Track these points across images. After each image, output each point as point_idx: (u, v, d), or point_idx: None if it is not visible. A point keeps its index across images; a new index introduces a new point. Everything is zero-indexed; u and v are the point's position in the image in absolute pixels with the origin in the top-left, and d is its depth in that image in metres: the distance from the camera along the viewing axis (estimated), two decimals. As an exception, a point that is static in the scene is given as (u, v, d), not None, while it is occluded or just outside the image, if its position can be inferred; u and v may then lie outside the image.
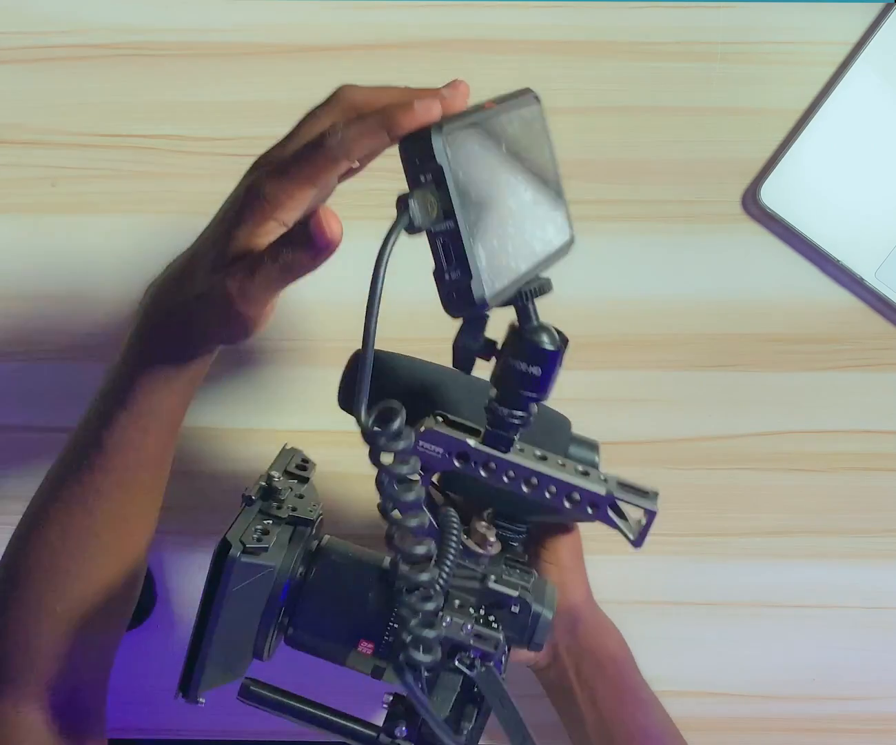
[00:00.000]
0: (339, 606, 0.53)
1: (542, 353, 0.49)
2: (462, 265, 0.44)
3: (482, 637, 0.50)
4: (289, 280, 0.47)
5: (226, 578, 0.49)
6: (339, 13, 0.69)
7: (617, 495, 0.52)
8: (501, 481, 0.51)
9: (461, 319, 0.48)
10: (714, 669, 0.72)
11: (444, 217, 0.43)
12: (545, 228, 0.55)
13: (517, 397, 0.50)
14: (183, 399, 0.55)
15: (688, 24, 0.70)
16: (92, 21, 0.69)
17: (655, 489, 0.52)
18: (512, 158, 0.53)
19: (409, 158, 0.44)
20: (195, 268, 0.50)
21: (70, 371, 0.71)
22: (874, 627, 0.71)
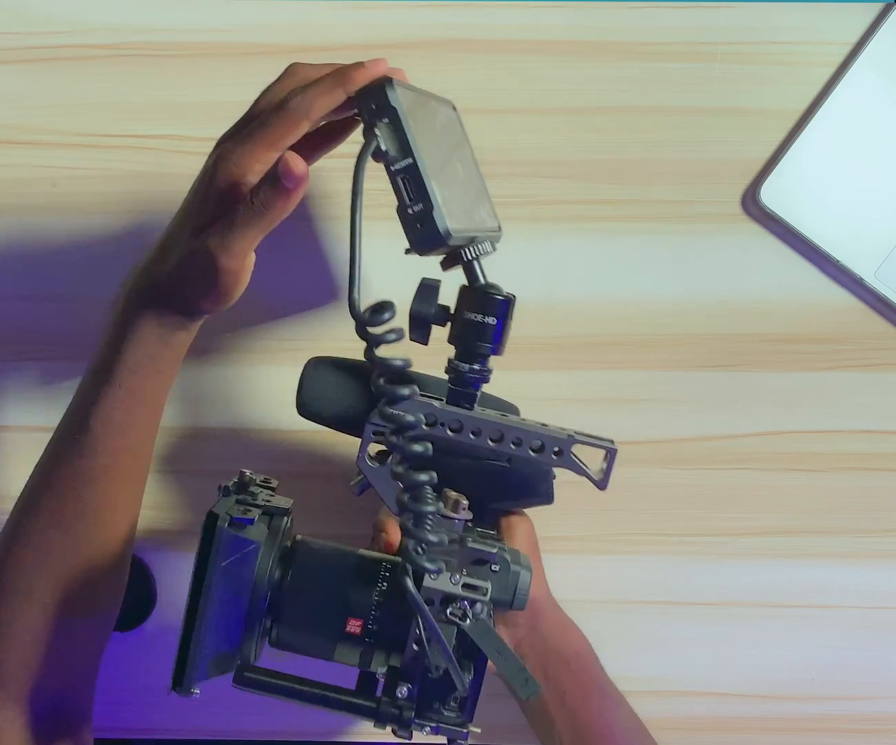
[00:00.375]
0: (322, 595, 0.53)
1: (494, 301, 0.54)
2: (423, 198, 0.49)
3: (471, 587, 0.51)
4: (265, 226, 0.51)
5: (216, 548, 0.50)
6: (339, 13, 0.69)
7: (577, 438, 0.56)
8: (468, 438, 0.55)
9: (428, 256, 0.52)
10: (714, 669, 0.72)
11: (402, 155, 0.49)
12: (479, 207, 0.59)
13: (475, 349, 0.54)
14: (166, 380, 0.57)
15: (688, 24, 0.70)
16: (92, 21, 0.70)
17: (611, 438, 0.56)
18: (446, 137, 0.58)
19: (365, 106, 0.50)
20: (173, 243, 0.54)
21: (70, 371, 0.71)
22: (874, 627, 0.72)
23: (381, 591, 0.53)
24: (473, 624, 0.51)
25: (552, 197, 0.70)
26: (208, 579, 0.50)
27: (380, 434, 0.55)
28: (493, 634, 0.51)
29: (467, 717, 0.53)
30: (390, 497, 0.55)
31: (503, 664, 0.51)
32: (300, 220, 0.70)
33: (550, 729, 0.63)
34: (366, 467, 0.55)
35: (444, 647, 0.49)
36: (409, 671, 0.52)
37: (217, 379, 0.71)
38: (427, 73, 0.69)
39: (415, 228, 0.50)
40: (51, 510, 0.57)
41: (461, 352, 0.55)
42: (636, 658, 0.70)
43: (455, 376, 0.55)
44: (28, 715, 0.57)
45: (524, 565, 0.54)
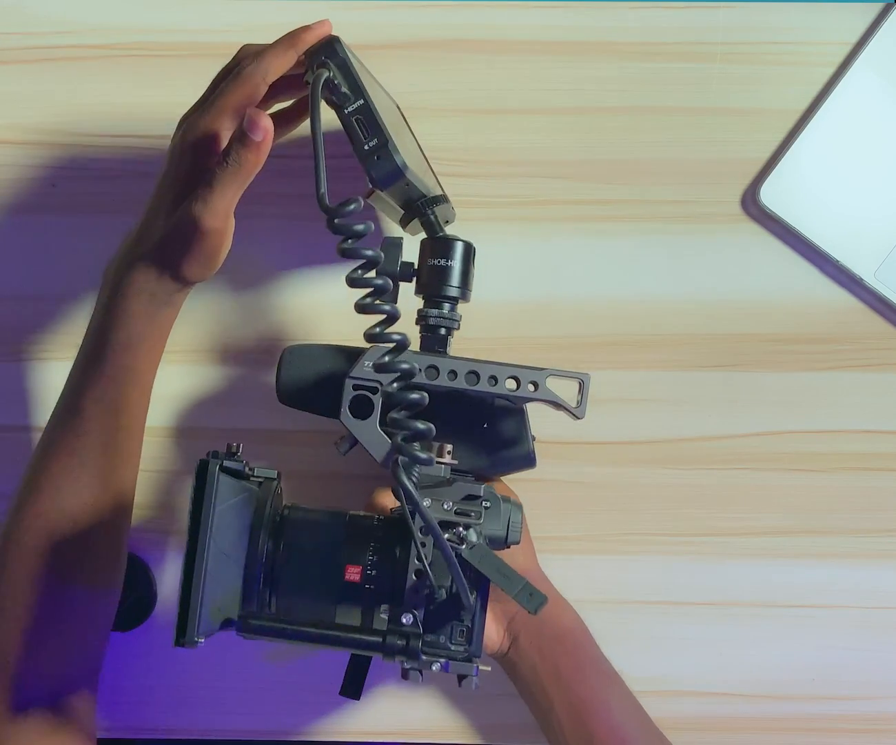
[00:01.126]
0: (318, 552, 0.54)
1: (453, 244, 0.58)
2: (378, 133, 0.52)
3: (464, 513, 0.53)
4: (242, 182, 0.53)
5: (209, 491, 0.51)
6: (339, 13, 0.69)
7: (551, 371, 0.58)
8: (444, 381, 0.57)
9: (385, 190, 0.55)
10: (714, 669, 0.72)
11: (353, 97, 0.52)
12: (428, 177, 0.62)
13: (441, 292, 0.57)
14: (155, 357, 0.59)
15: (688, 25, 0.70)
16: (92, 21, 0.70)
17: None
18: (390, 110, 0.60)
19: (315, 60, 0.53)
20: (153, 221, 0.56)
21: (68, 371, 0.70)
22: (874, 627, 0.71)
23: (376, 537, 0.54)
24: (471, 549, 0.52)
25: (552, 197, 0.70)
26: (205, 521, 0.51)
27: (360, 388, 0.56)
28: (492, 556, 0.52)
29: (475, 649, 0.54)
30: (375, 449, 0.56)
31: (506, 582, 0.51)
32: (299, 220, 0.70)
33: (546, 706, 0.63)
34: (349, 421, 0.56)
35: (443, 546, 0.49)
36: (411, 601, 0.53)
37: (216, 379, 0.71)
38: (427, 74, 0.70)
39: (373, 162, 0.53)
40: (49, 492, 0.58)
41: (428, 299, 0.58)
42: (636, 658, 0.70)
43: (425, 324, 0.58)
44: (24, 696, 0.58)
45: (514, 504, 0.56)
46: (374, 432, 0.56)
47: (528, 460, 0.62)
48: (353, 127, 0.53)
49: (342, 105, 0.52)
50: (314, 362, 0.62)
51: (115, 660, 0.72)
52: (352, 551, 0.54)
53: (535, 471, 0.62)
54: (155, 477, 0.71)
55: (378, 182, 0.53)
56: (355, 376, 0.56)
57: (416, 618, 0.53)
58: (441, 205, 0.60)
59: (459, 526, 0.52)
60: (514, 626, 0.64)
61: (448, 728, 0.71)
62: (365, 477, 0.69)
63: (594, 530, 0.71)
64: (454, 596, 0.53)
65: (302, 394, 0.62)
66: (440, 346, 0.58)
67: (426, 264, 0.58)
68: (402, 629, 0.52)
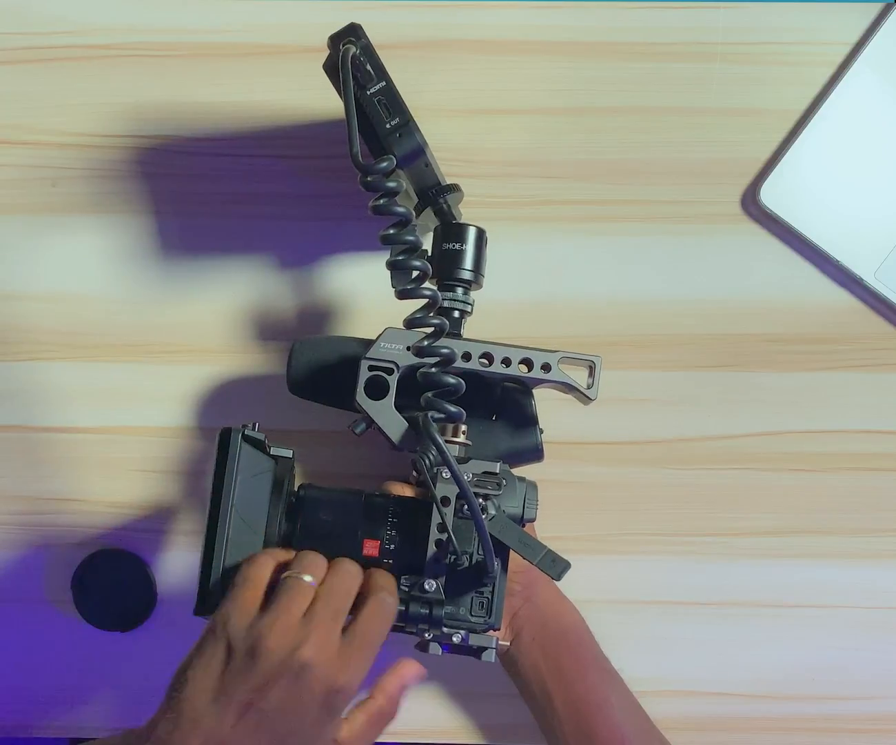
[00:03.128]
0: (336, 527, 0.55)
1: (465, 228, 0.59)
2: (399, 112, 0.54)
3: (483, 484, 0.54)
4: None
5: (232, 457, 0.52)
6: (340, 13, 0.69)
7: (563, 354, 0.58)
8: (460, 363, 0.57)
9: (406, 168, 0.56)
10: (714, 669, 0.72)
11: (376, 78, 0.54)
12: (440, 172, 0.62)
13: (454, 275, 0.59)
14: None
15: (688, 24, 0.70)
16: (92, 21, 0.70)
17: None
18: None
19: (340, 42, 0.54)
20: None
21: (70, 371, 0.71)
22: (874, 627, 0.71)
23: (394, 513, 0.55)
24: (491, 519, 0.53)
25: (551, 197, 0.70)
26: (227, 488, 0.52)
27: (376, 369, 0.57)
28: (513, 526, 0.53)
29: (495, 619, 0.55)
30: (390, 429, 0.56)
31: (528, 551, 0.52)
32: (299, 220, 0.70)
33: (546, 703, 0.63)
34: (365, 401, 0.57)
35: (471, 501, 0.49)
36: (431, 571, 0.54)
37: (218, 379, 0.71)
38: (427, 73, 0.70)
39: (395, 139, 0.54)
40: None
41: (442, 283, 0.59)
42: (636, 658, 0.70)
43: (439, 310, 0.58)
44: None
45: (529, 483, 0.57)
46: (390, 412, 0.56)
47: (536, 453, 0.62)
48: (375, 107, 0.54)
49: (365, 85, 0.54)
50: (325, 353, 0.62)
51: (116, 660, 0.72)
52: (369, 526, 0.55)
53: (536, 471, 0.62)
54: (155, 477, 0.71)
55: (401, 160, 0.54)
56: (371, 356, 0.57)
57: (439, 585, 0.53)
58: (453, 193, 0.61)
59: (479, 497, 0.52)
60: (517, 623, 0.64)
61: (448, 728, 0.71)
62: (371, 477, 0.69)
63: (594, 530, 0.71)
64: (474, 566, 0.54)
65: (312, 384, 0.62)
66: (454, 328, 0.59)
67: (439, 248, 0.59)
68: (425, 596, 0.53)
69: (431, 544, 0.53)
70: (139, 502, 0.71)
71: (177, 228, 0.70)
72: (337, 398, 0.61)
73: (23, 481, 0.71)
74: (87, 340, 0.71)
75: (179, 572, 0.71)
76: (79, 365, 0.71)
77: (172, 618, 0.71)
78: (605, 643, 0.66)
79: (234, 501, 0.52)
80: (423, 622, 0.53)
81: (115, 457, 0.71)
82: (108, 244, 0.70)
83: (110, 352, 0.70)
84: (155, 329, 0.70)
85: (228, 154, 0.70)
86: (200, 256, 0.70)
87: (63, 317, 0.70)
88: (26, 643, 0.72)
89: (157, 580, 0.71)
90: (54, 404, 0.71)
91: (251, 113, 0.70)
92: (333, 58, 0.54)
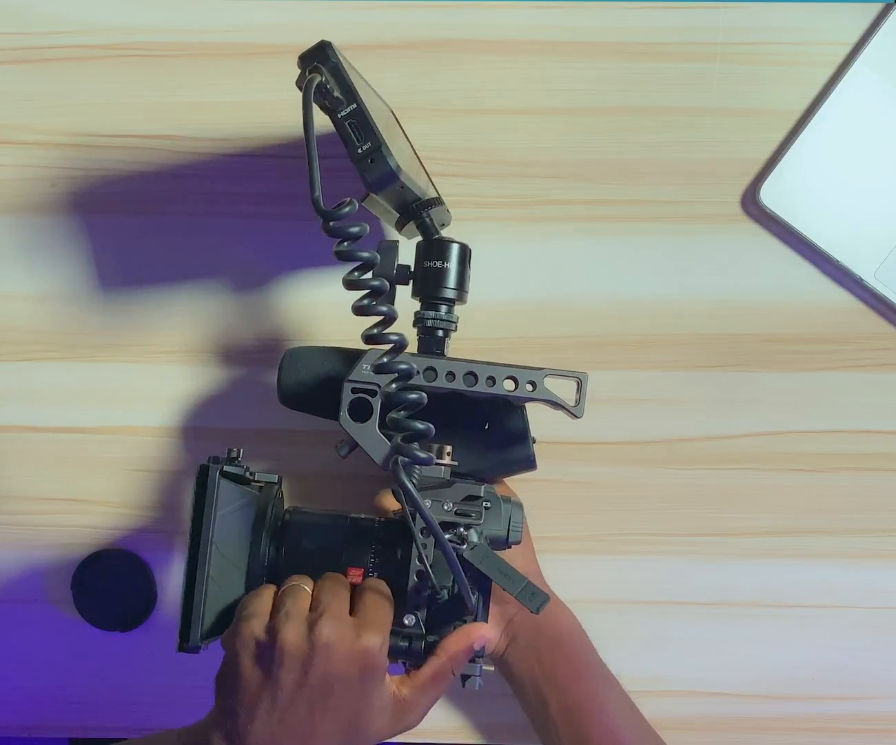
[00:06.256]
0: (320, 553, 0.55)
1: (448, 246, 0.57)
2: (371, 137, 0.51)
3: (465, 514, 0.53)
4: None
5: (210, 496, 0.52)
6: (340, 13, 0.70)
7: (549, 371, 0.57)
8: (442, 382, 0.56)
9: (380, 193, 0.54)
10: (714, 669, 0.72)
11: (346, 101, 0.51)
12: (422, 178, 0.61)
13: (437, 294, 0.57)
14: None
15: (688, 25, 0.70)
16: (92, 21, 0.70)
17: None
18: (382, 114, 0.59)
19: (307, 64, 0.51)
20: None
21: (70, 371, 0.71)
22: (874, 627, 0.71)
23: (378, 540, 0.55)
24: (472, 549, 0.52)
25: (551, 197, 0.70)
26: (206, 526, 0.51)
27: (359, 391, 0.55)
28: (494, 556, 0.52)
29: (479, 651, 0.54)
30: (374, 452, 0.55)
31: (508, 583, 0.52)
32: (299, 220, 0.70)
33: (541, 707, 0.63)
34: (348, 423, 0.56)
35: (444, 547, 0.49)
36: (413, 602, 0.53)
37: (216, 379, 0.71)
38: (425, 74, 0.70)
39: (366, 165, 0.52)
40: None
41: (425, 301, 0.58)
42: (636, 658, 0.70)
43: (422, 326, 0.58)
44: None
45: (515, 504, 0.56)
46: (374, 434, 0.55)
47: (529, 463, 0.62)
48: (346, 131, 0.52)
49: (335, 109, 0.52)
50: (315, 365, 0.62)
51: (116, 660, 0.72)
52: (353, 553, 0.54)
53: (536, 471, 0.62)
54: (155, 477, 0.71)
55: (372, 185, 0.52)
56: (353, 379, 0.56)
57: (419, 619, 0.53)
58: (436, 208, 0.59)
59: (460, 527, 0.52)
60: (512, 628, 0.64)
61: (448, 728, 0.71)
62: (367, 477, 0.69)
63: (594, 530, 0.71)
64: (456, 596, 0.53)
65: (303, 396, 0.62)
66: (437, 348, 0.58)
67: (422, 267, 0.58)
68: (405, 630, 0.53)
69: (412, 575, 0.53)
70: (139, 502, 0.71)
71: (177, 228, 0.70)
72: (329, 412, 0.60)
73: (23, 481, 0.71)
74: (86, 341, 0.71)
75: (179, 573, 0.71)
76: (78, 365, 0.71)
77: (172, 618, 0.71)
78: (605, 643, 0.66)
79: (213, 538, 0.52)
80: (402, 655, 0.53)
81: (115, 457, 0.71)
82: (108, 244, 0.70)
83: (110, 352, 0.71)
84: (155, 329, 0.70)
85: (229, 154, 0.70)
86: (201, 255, 0.70)
87: (63, 317, 0.70)
88: (26, 643, 0.72)
89: (157, 580, 0.71)
90: (54, 404, 0.71)
91: (251, 113, 0.70)
92: (300, 82, 0.53)
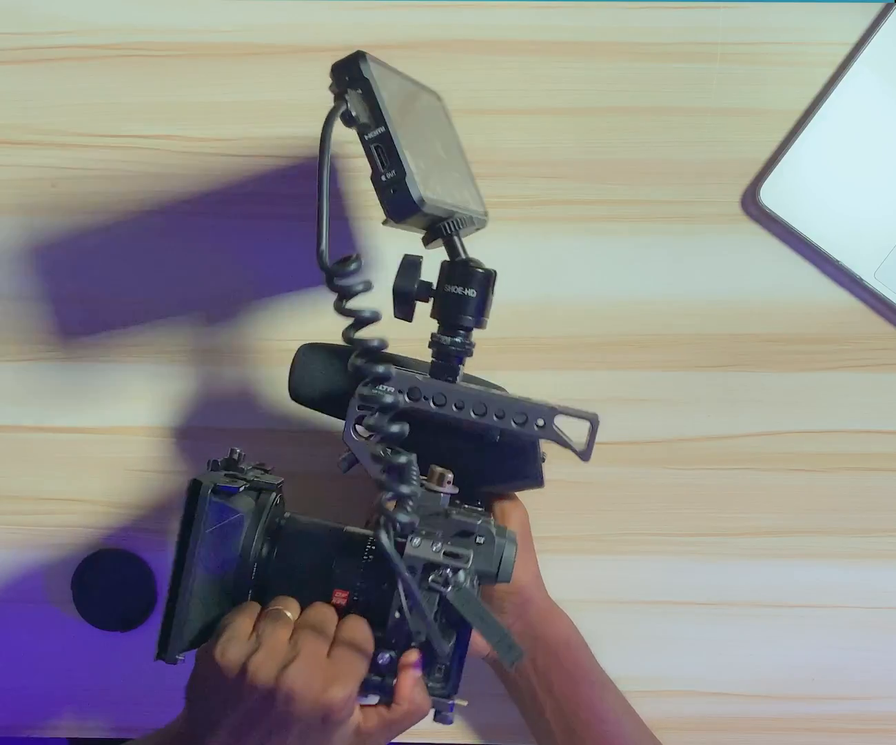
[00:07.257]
0: (308, 569, 0.54)
1: (474, 273, 0.55)
2: (396, 166, 0.49)
3: (453, 555, 0.51)
4: None
5: (199, 514, 0.51)
6: (339, 13, 0.70)
7: (560, 410, 0.55)
8: (451, 410, 0.55)
9: (401, 224, 0.52)
10: (714, 669, 0.72)
11: (374, 124, 0.49)
12: (462, 189, 0.59)
13: (456, 321, 0.55)
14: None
15: (688, 25, 0.70)
16: (93, 21, 0.70)
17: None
18: (426, 119, 0.58)
19: (339, 78, 0.50)
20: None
21: (70, 371, 0.71)
22: (874, 627, 0.72)
23: (367, 563, 0.53)
24: (456, 592, 0.51)
25: (551, 197, 0.70)
26: (192, 546, 0.51)
27: (366, 408, 0.54)
28: (475, 601, 0.51)
29: (451, 689, 0.53)
30: (374, 471, 0.54)
31: (486, 630, 0.51)
32: (299, 220, 0.70)
33: (540, 718, 0.63)
34: (352, 441, 0.55)
35: (416, 602, 0.48)
36: (392, 639, 0.52)
37: (216, 379, 0.71)
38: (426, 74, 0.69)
39: (388, 195, 0.50)
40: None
41: (443, 325, 0.56)
42: (635, 658, 0.70)
43: (438, 350, 0.56)
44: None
45: (509, 539, 0.54)
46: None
47: (536, 479, 0.61)
48: (371, 155, 0.50)
49: (362, 132, 0.49)
50: (328, 364, 0.61)
51: (116, 660, 0.72)
52: (342, 574, 0.53)
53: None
54: (155, 477, 0.71)
55: (393, 216, 0.50)
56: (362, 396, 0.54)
57: (393, 661, 0.52)
58: (468, 228, 0.56)
59: (448, 568, 0.51)
60: None
61: (448, 728, 0.71)
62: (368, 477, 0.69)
63: (594, 530, 0.71)
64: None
65: (314, 394, 0.61)
66: (450, 375, 0.56)
67: (444, 289, 0.55)
68: (379, 669, 0.52)
69: (394, 612, 0.52)
70: (139, 502, 0.71)
71: (177, 227, 0.70)
72: (339, 412, 0.59)
73: (23, 481, 0.71)
74: (86, 340, 0.71)
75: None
76: (78, 365, 0.71)
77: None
78: (604, 643, 0.66)
79: (197, 557, 0.51)
80: (374, 690, 0.52)
81: (114, 457, 0.71)
82: (108, 244, 0.70)
83: (110, 352, 0.71)
84: (156, 329, 0.70)
85: (229, 154, 0.70)
86: (201, 255, 0.70)
87: (63, 317, 0.70)
88: (26, 642, 0.72)
89: (157, 580, 0.71)
90: (54, 404, 0.71)
91: (251, 113, 0.70)
92: (333, 91, 0.51)
